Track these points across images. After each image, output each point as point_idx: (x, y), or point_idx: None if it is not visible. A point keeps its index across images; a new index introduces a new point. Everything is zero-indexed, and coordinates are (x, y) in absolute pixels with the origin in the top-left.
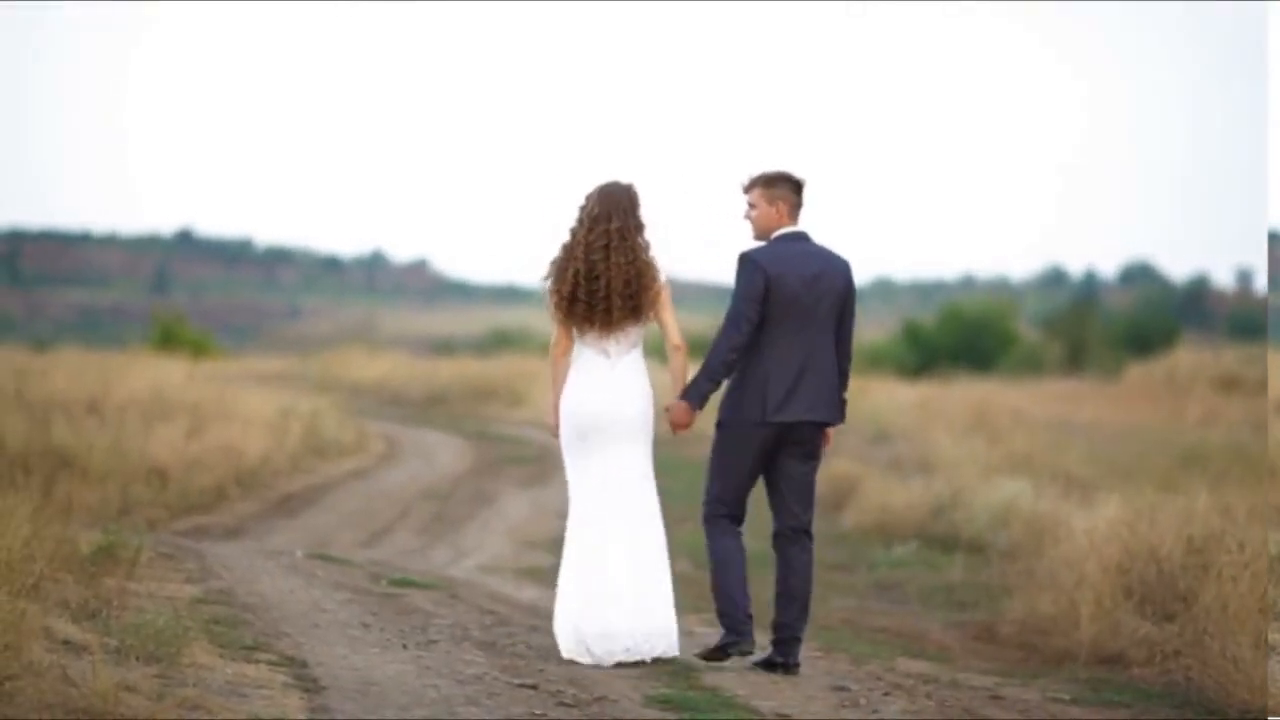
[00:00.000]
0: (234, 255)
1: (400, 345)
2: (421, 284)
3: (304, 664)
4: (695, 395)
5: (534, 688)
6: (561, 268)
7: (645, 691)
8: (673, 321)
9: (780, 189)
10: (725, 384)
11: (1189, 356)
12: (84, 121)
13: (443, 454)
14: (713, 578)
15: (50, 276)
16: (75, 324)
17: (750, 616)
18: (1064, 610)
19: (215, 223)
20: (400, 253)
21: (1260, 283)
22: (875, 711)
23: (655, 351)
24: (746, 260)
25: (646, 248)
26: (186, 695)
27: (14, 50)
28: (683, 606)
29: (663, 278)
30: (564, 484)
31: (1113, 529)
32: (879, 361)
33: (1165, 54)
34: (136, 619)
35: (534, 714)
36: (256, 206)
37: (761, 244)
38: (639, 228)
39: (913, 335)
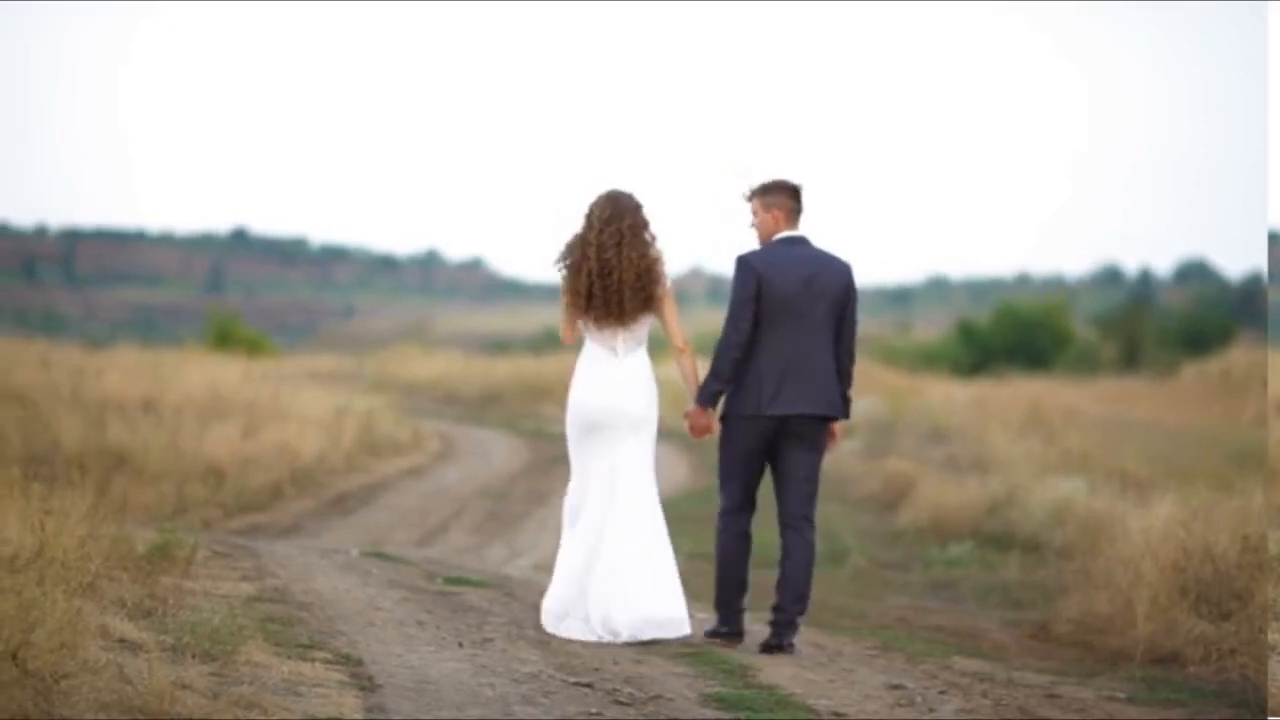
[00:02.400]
0: (289, 254)
1: (455, 344)
2: (476, 283)
3: (359, 662)
4: (705, 397)
5: (589, 686)
6: (576, 266)
7: (701, 690)
8: (676, 324)
9: (775, 196)
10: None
11: (1244, 355)
12: (140, 120)
13: (498, 452)
14: (715, 568)
15: (105, 276)
16: (130, 323)
17: (742, 610)
18: (1120, 609)
19: (270, 222)
20: (455, 251)
21: None
22: (931, 710)
23: (657, 347)
24: (741, 263)
25: (654, 241)
26: (242, 693)
27: (69, 49)
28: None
29: (668, 280)
30: None
31: (1168, 528)
32: (934, 360)
33: (1228, 53)
34: (192, 617)
35: (590, 713)
36: (312, 205)
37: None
38: (646, 225)
39: (968, 334)
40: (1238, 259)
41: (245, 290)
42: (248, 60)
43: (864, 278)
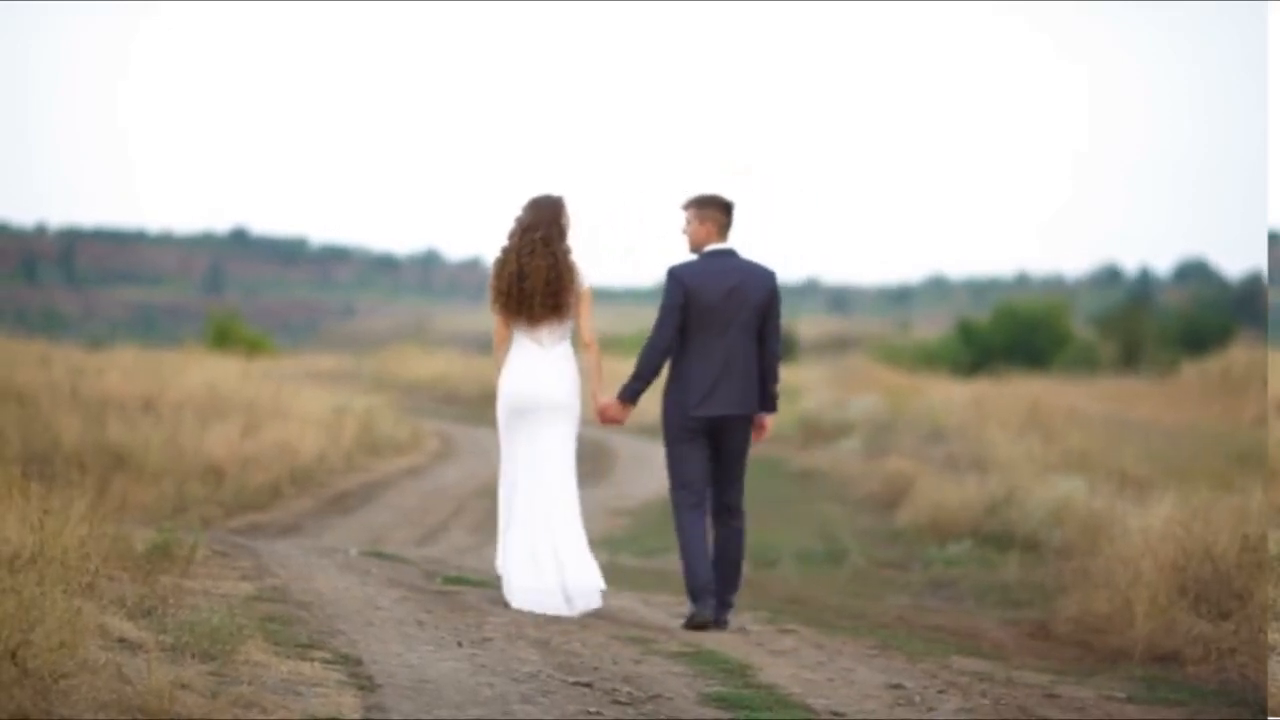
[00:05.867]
0: (289, 254)
1: (455, 343)
2: (476, 282)
3: (359, 661)
4: (628, 394)
5: (589, 686)
6: (499, 268)
7: (700, 689)
8: (587, 323)
9: (710, 210)
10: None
11: (1244, 355)
12: (140, 120)
13: (497, 452)
14: (680, 552)
15: (105, 275)
16: (130, 322)
17: (711, 590)
18: (1119, 608)
19: (270, 221)
20: (454, 251)
21: None
22: (930, 709)
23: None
24: (670, 275)
25: (567, 253)
26: (241, 693)
27: (69, 49)
28: (744, 604)
29: (585, 284)
30: (619, 481)
31: (1168, 527)
32: (933, 359)
33: (1228, 53)
34: (192, 617)
35: (589, 712)
36: (311, 205)
37: (693, 257)
38: (561, 235)
39: (967, 333)
40: (1237, 259)
41: (245, 290)
42: (248, 60)
43: (864, 277)
